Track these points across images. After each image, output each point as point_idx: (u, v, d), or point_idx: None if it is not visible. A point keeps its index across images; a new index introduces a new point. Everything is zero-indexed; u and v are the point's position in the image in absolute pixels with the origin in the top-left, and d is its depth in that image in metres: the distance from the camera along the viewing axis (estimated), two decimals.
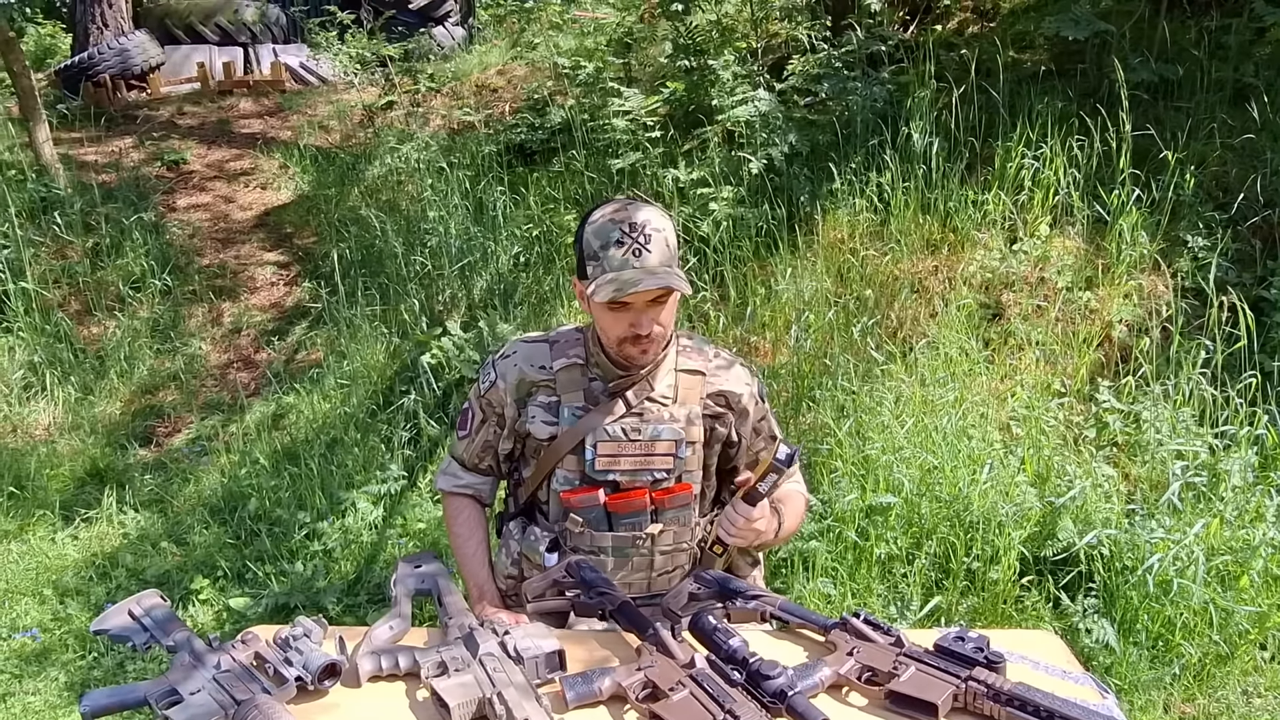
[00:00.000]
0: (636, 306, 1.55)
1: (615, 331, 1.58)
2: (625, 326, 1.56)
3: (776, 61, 5.03)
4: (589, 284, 1.55)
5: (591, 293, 1.54)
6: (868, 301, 3.64)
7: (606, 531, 1.66)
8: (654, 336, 1.58)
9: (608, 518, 1.65)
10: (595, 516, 1.65)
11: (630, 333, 1.57)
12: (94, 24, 8.56)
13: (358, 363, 4.36)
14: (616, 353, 1.62)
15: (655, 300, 1.56)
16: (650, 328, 1.56)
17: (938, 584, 2.73)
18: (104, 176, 6.24)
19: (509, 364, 1.71)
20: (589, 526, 1.66)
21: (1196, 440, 2.89)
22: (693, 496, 1.69)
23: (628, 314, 1.56)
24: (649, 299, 1.55)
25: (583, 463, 1.64)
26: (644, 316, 1.55)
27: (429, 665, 1.32)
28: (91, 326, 5.07)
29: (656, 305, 1.56)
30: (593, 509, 1.65)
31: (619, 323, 1.57)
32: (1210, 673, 2.45)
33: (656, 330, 1.57)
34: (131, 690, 1.35)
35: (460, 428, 1.80)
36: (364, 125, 6.93)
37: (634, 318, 1.55)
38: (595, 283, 1.53)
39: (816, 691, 1.29)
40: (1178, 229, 3.56)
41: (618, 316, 1.56)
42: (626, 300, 1.53)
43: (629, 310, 1.55)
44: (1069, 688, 1.34)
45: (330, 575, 3.13)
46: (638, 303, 1.54)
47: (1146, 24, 4.24)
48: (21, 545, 3.49)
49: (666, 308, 1.58)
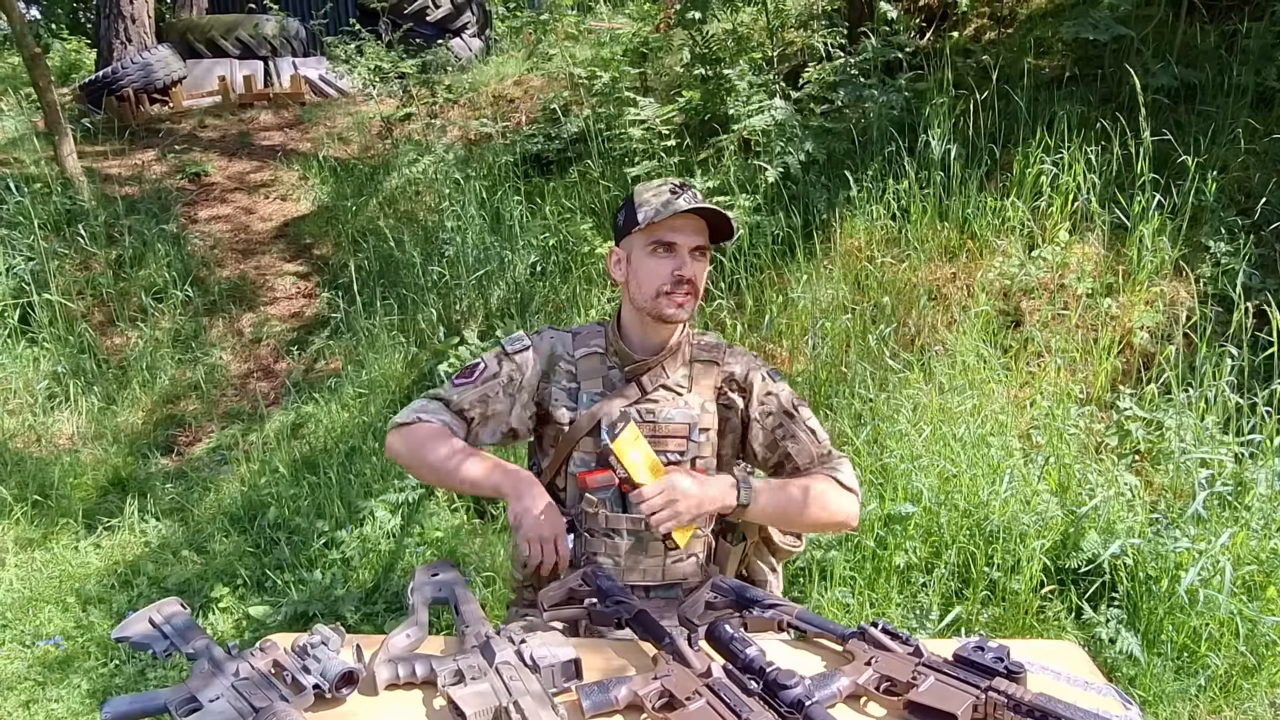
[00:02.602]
0: (681, 249, 1.65)
1: (658, 277, 1.65)
2: (668, 271, 1.64)
3: (793, 70, 5.03)
4: (639, 225, 1.64)
5: (641, 221, 1.64)
6: (885, 309, 3.62)
7: (621, 513, 1.69)
8: (693, 286, 1.66)
9: (623, 499, 1.68)
10: (610, 497, 1.69)
11: (673, 277, 1.64)
12: (118, 39, 8.70)
13: (376, 372, 4.38)
14: (652, 308, 1.67)
15: (695, 251, 1.66)
16: (693, 270, 1.65)
17: (958, 594, 2.70)
18: (127, 189, 6.33)
19: (542, 338, 1.79)
20: (604, 507, 1.69)
21: (1221, 449, 2.85)
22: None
23: (672, 258, 1.65)
24: (693, 244, 1.66)
25: (599, 444, 1.68)
26: (687, 259, 1.65)
27: (445, 673, 1.32)
28: (114, 337, 5.13)
29: (697, 259, 1.67)
30: (608, 489, 1.68)
31: (662, 267, 1.65)
32: (1237, 684, 2.41)
33: (694, 280, 1.66)
34: (152, 698, 1.36)
35: (460, 377, 1.75)
36: (382, 137, 6.99)
37: (677, 261, 1.65)
38: (647, 218, 1.63)
39: (834, 701, 1.28)
40: (1199, 234, 3.52)
41: (661, 260, 1.65)
42: (673, 239, 1.64)
43: (673, 254, 1.65)
44: (1091, 699, 1.33)
45: (348, 584, 3.14)
46: (683, 243, 1.65)
47: (1167, 29, 4.21)
48: (45, 553, 3.53)
49: (704, 268, 1.70)
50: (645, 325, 1.71)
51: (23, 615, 3.13)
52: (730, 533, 1.76)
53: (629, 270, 1.71)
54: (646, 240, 1.66)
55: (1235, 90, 3.89)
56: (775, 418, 1.73)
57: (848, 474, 1.72)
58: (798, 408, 1.75)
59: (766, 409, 1.74)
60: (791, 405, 1.74)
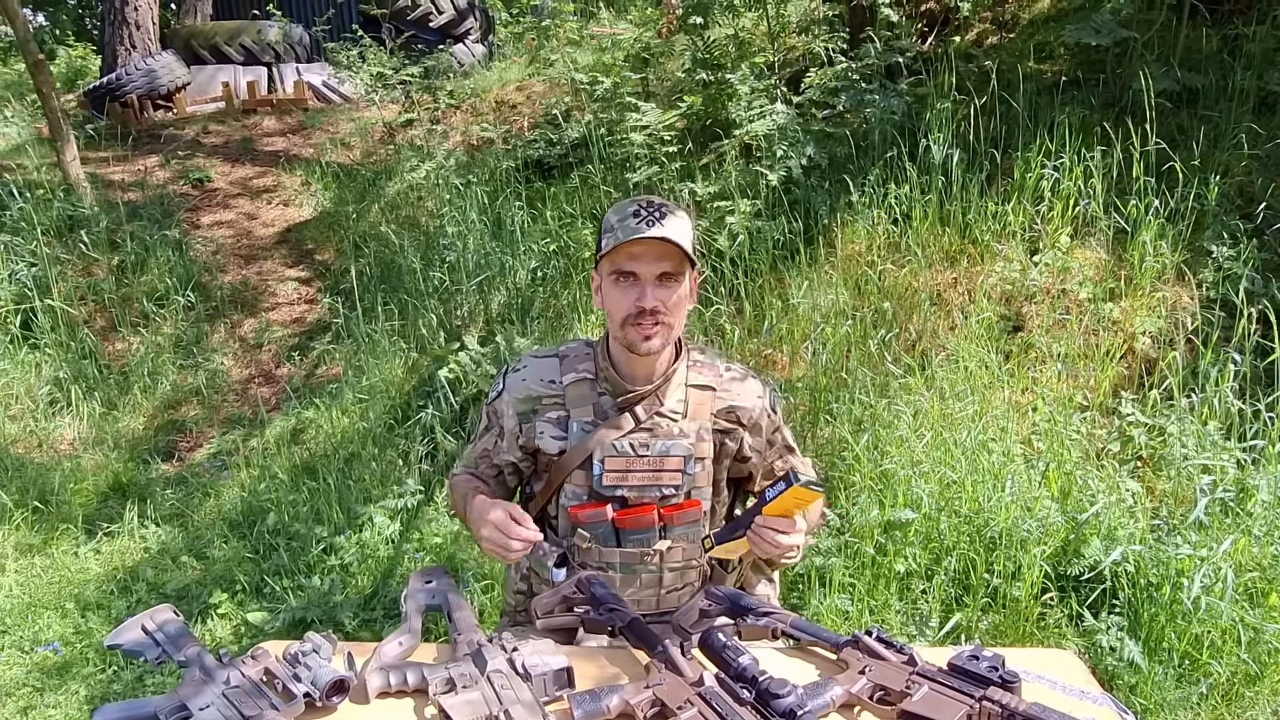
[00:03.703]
0: (643, 278, 1.56)
1: (621, 308, 1.57)
2: (630, 301, 1.56)
3: (794, 74, 5.02)
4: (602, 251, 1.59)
5: (600, 255, 1.58)
6: (886, 314, 3.61)
7: (615, 547, 1.65)
8: (658, 317, 1.56)
9: (616, 533, 1.64)
10: (603, 532, 1.64)
11: (635, 307, 1.55)
12: (122, 45, 8.73)
13: (376, 378, 4.38)
14: (622, 338, 1.60)
15: (662, 278, 1.56)
16: (653, 302, 1.55)
17: (958, 601, 2.69)
18: (130, 195, 6.34)
19: (517, 378, 1.71)
20: (597, 542, 1.65)
21: (1224, 455, 2.83)
22: (702, 513, 1.67)
23: (634, 288, 1.56)
24: (656, 271, 1.55)
25: (591, 478, 1.63)
26: (649, 289, 1.55)
27: (437, 682, 1.31)
28: (116, 342, 5.14)
29: (664, 286, 1.57)
30: (600, 524, 1.64)
31: (625, 297, 1.57)
32: (1239, 692, 2.39)
33: (660, 310, 1.56)
34: (143, 705, 1.35)
35: (474, 433, 1.84)
36: (384, 142, 7.01)
37: (639, 291, 1.56)
38: (606, 240, 1.57)
39: (827, 711, 1.27)
40: (1202, 239, 3.50)
41: (624, 291, 1.57)
42: (633, 268, 1.55)
43: (635, 284, 1.56)
44: (1087, 708, 1.31)
45: (347, 590, 3.13)
46: (645, 272, 1.55)
47: (1169, 33, 4.20)
48: (45, 559, 3.53)
49: (674, 294, 1.58)
50: (627, 355, 1.63)
51: (22, 621, 3.13)
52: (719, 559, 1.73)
53: (601, 298, 1.64)
54: (609, 269, 1.59)
55: (1238, 94, 3.88)
56: (777, 450, 1.78)
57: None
58: (794, 444, 1.81)
59: (773, 445, 1.77)
60: (791, 440, 1.80)
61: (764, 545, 1.47)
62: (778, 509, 1.46)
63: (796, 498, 1.44)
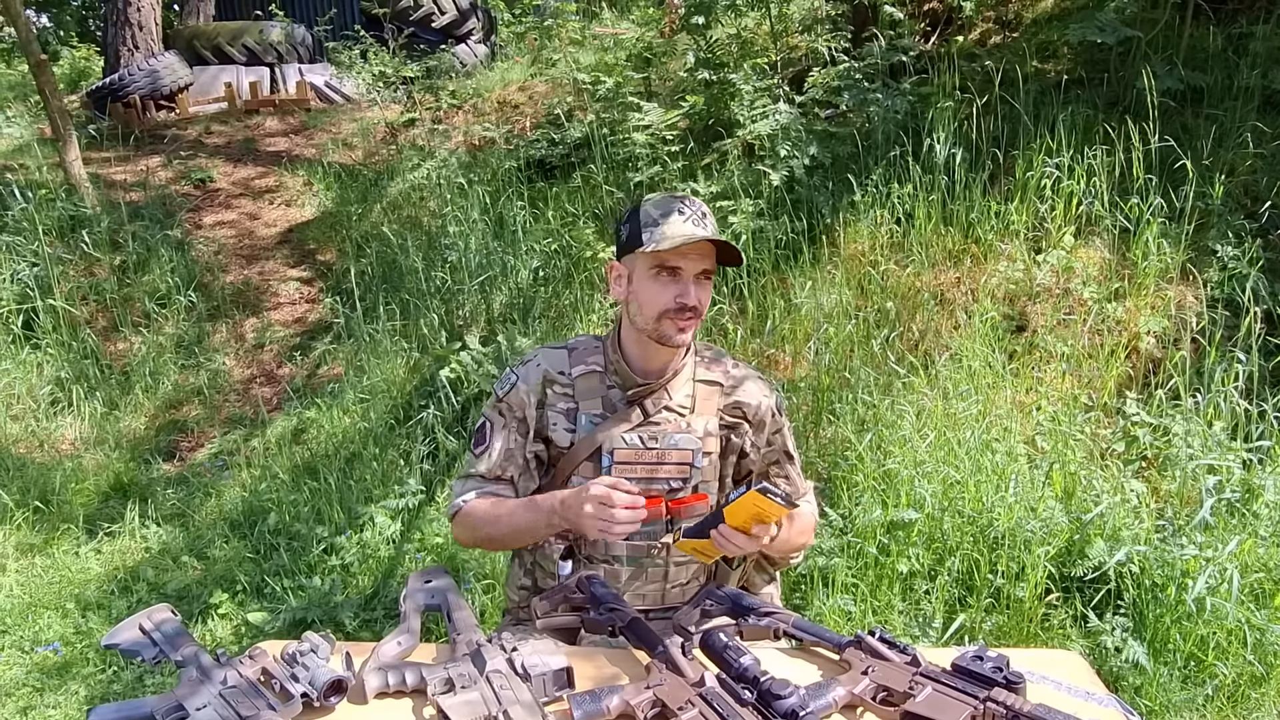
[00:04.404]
0: (685, 274, 1.59)
1: (660, 302, 1.59)
2: (671, 297, 1.58)
3: (797, 74, 5.01)
4: (644, 247, 1.58)
5: (649, 249, 1.57)
6: (889, 314, 3.59)
7: (621, 539, 1.64)
8: (697, 311, 1.60)
9: None
10: None
11: (675, 303, 1.58)
12: (125, 46, 8.74)
13: (377, 377, 4.37)
14: (653, 330, 1.61)
15: (701, 275, 1.60)
16: (695, 299, 1.59)
17: (961, 601, 2.67)
18: (132, 195, 6.35)
19: (530, 366, 1.71)
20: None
21: (1229, 455, 2.82)
22: (709, 507, 1.67)
23: (675, 283, 1.58)
24: (699, 269, 1.59)
25: (599, 470, 1.63)
26: (692, 286, 1.59)
27: (435, 682, 1.30)
28: (118, 343, 5.14)
29: (702, 284, 1.61)
30: None
31: (665, 292, 1.58)
32: (1245, 694, 2.37)
33: (699, 307, 1.60)
34: (139, 705, 1.34)
35: (475, 445, 1.74)
36: (386, 142, 7.00)
37: (681, 288, 1.58)
38: (653, 242, 1.57)
39: (830, 712, 1.26)
40: (1207, 238, 3.49)
41: (664, 285, 1.59)
42: (678, 264, 1.58)
43: (677, 280, 1.59)
44: (1092, 709, 1.30)
45: (347, 590, 3.12)
46: (689, 269, 1.58)
47: (1173, 32, 4.18)
48: (46, 559, 3.52)
49: (706, 289, 1.62)
50: (646, 346, 1.65)
51: (22, 621, 3.12)
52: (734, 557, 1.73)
53: (630, 289, 1.64)
54: (651, 263, 1.59)
55: (1243, 93, 3.86)
56: (775, 453, 1.77)
57: (815, 504, 1.84)
58: (794, 452, 1.80)
59: (771, 446, 1.76)
60: (791, 446, 1.79)
61: (729, 546, 1.50)
62: (738, 512, 1.47)
63: (757, 504, 1.44)
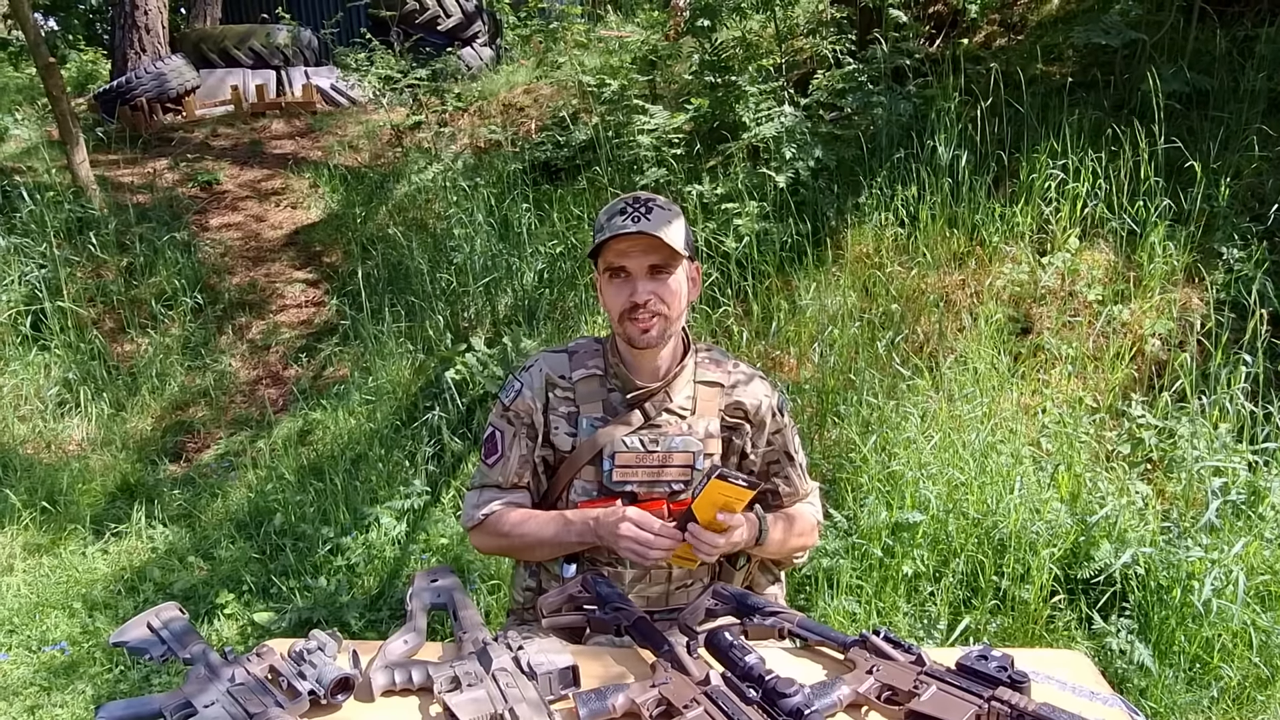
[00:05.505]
0: (634, 273, 1.58)
1: (615, 305, 1.61)
2: (625, 297, 1.59)
3: (802, 76, 5.02)
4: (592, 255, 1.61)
5: (592, 255, 1.60)
6: (893, 316, 3.60)
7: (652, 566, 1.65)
8: (652, 309, 1.58)
9: None
10: None
11: (628, 302, 1.58)
12: (132, 49, 8.78)
13: (383, 379, 4.38)
14: (621, 333, 1.63)
15: (652, 270, 1.58)
16: (645, 295, 1.57)
17: (966, 603, 2.67)
18: (139, 197, 6.37)
19: (533, 371, 1.72)
20: None
21: (1235, 457, 2.81)
22: None
23: (627, 284, 1.59)
24: (645, 266, 1.58)
25: (600, 473, 1.64)
26: (640, 284, 1.58)
27: (442, 680, 1.30)
28: (124, 344, 5.16)
29: (654, 278, 1.59)
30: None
31: (619, 294, 1.60)
32: (1250, 696, 2.37)
33: (654, 302, 1.58)
34: (147, 703, 1.35)
35: (487, 456, 1.72)
36: (392, 145, 7.02)
37: (630, 287, 1.58)
38: (596, 238, 1.59)
39: (834, 711, 1.26)
40: (1212, 240, 3.48)
41: (618, 288, 1.60)
42: (622, 264, 1.58)
43: (628, 280, 1.59)
44: (1097, 709, 1.30)
45: (353, 590, 3.13)
46: (634, 266, 1.58)
47: (1179, 34, 4.18)
48: (53, 559, 3.54)
49: (668, 286, 1.60)
50: (630, 350, 1.65)
51: (29, 621, 3.13)
52: (736, 557, 1.73)
53: (600, 290, 1.68)
54: (602, 267, 1.62)
55: (1248, 96, 3.86)
56: (775, 453, 1.76)
57: (819, 505, 1.83)
58: (796, 452, 1.78)
59: (771, 446, 1.75)
60: (793, 447, 1.78)
61: (701, 547, 1.52)
62: (704, 504, 1.49)
63: (721, 492, 1.46)
